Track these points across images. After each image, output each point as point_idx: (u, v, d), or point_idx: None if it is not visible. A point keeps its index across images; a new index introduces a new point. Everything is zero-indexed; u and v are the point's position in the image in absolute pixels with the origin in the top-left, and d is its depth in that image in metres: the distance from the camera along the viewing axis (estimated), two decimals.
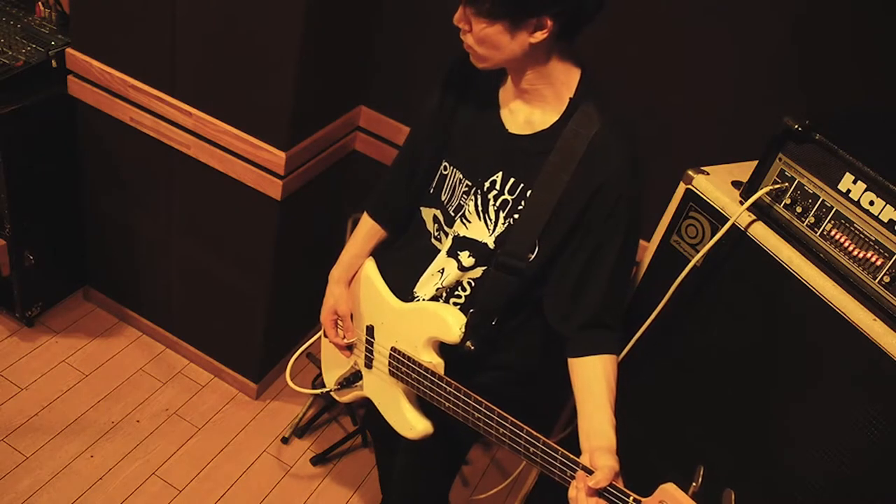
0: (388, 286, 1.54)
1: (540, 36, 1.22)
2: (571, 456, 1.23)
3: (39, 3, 2.36)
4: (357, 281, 1.62)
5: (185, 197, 2.26)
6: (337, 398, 1.72)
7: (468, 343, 1.41)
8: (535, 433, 1.27)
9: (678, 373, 1.56)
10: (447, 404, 1.40)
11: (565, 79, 1.30)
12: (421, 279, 1.48)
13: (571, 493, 1.21)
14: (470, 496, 2.39)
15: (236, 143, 2.02)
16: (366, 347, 1.58)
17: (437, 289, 1.46)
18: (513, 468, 2.48)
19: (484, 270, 1.42)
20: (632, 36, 1.80)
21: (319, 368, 2.56)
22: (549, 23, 1.20)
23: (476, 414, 1.35)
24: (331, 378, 1.73)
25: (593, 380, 1.34)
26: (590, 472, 1.20)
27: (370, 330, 1.55)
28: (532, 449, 1.28)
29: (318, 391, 1.78)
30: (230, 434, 2.42)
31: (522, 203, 1.35)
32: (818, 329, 1.28)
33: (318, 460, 2.39)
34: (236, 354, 2.51)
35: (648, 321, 1.51)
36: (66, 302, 2.69)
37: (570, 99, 1.30)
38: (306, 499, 2.30)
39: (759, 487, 1.42)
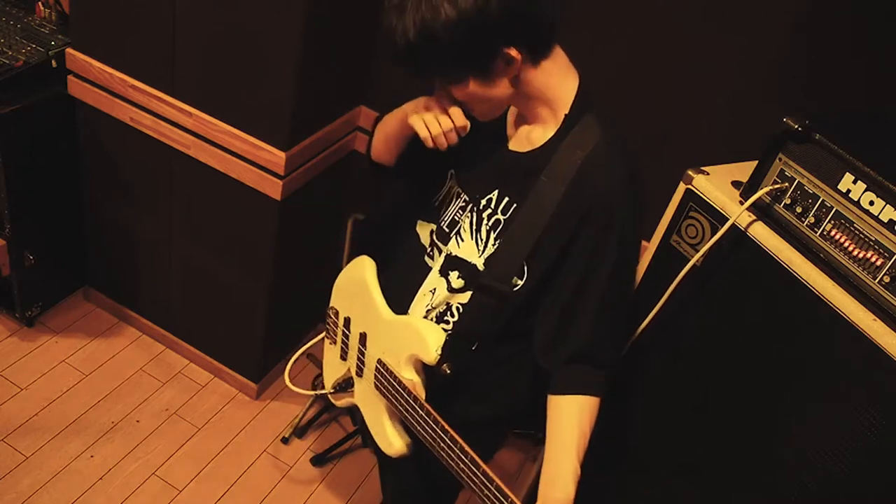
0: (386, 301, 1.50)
1: (515, 68, 1.19)
2: (516, 501, 1.20)
3: (39, 3, 2.36)
4: (353, 283, 1.58)
5: (185, 197, 2.26)
6: (333, 401, 1.70)
7: (444, 366, 1.35)
8: (490, 474, 1.24)
9: (677, 373, 1.56)
10: (418, 427, 1.36)
11: (561, 94, 1.26)
12: (415, 298, 1.44)
13: None
14: (470, 496, 2.39)
15: (236, 143, 2.02)
16: (357, 355, 1.54)
17: (428, 309, 1.42)
18: (513, 468, 2.48)
19: (471, 296, 1.36)
20: (632, 36, 1.80)
21: (320, 368, 2.57)
22: (515, 52, 1.16)
23: (441, 444, 1.31)
24: (329, 379, 1.72)
25: (566, 423, 1.29)
26: None
27: (363, 338, 1.51)
28: (485, 491, 1.25)
29: (315, 392, 1.77)
30: (230, 434, 2.42)
31: (512, 224, 1.30)
32: (818, 329, 1.28)
33: (318, 460, 2.39)
34: (236, 354, 2.51)
35: (647, 320, 1.51)
36: (66, 302, 2.69)
37: (566, 115, 1.26)
38: (306, 499, 2.30)
39: (758, 487, 1.42)
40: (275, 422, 2.48)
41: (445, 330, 1.39)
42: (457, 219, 1.39)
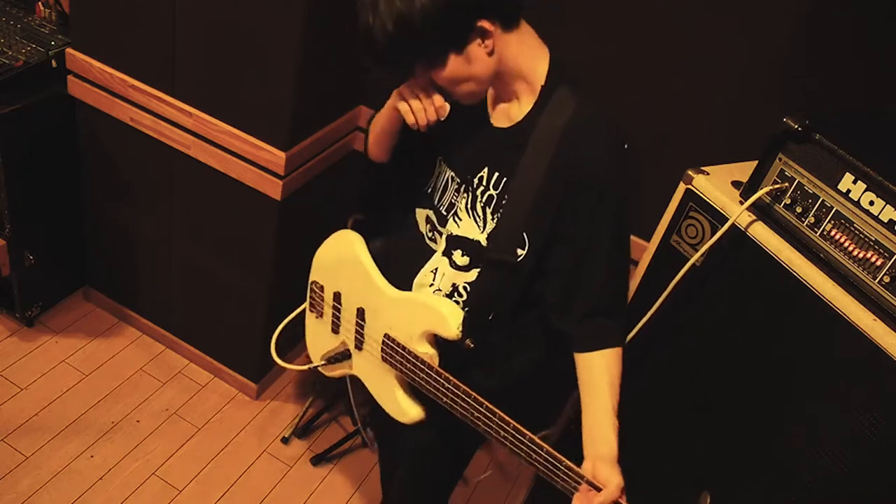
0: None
1: (490, 43, 1.22)
2: (576, 469, 1.23)
3: (39, 3, 2.36)
4: (340, 258, 1.59)
5: (185, 197, 2.26)
6: (325, 373, 1.69)
7: (468, 341, 1.39)
8: (538, 441, 1.26)
9: (678, 372, 1.56)
10: (445, 399, 1.39)
11: (534, 67, 1.29)
12: (416, 280, 1.47)
13: None
14: (470, 495, 2.39)
15: (236, 143, 2.02)
16: (356, 329, 1.56)
17: (434, 291, 1.45)
18: (513, 467, 2.49)
19: (479, 272, 1.41)
20: (632, 35, 1.80)
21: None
22: (489, 25, 1.20)
23: (475, 413, 1.34)
24: (316, 352, 1.71)
25: (597, 378, 1.34)
26: (595, 486, 1.21)
27: (360, 312, 1.53)
28: (534, 456, 1.28)
29: (304, 367, 1.73)
30: (230, 434, 2.42)
31: (506, 197, 1.34)
32: (818, 329, 1.28)
33: (318, 460, 2.39)
34: (236, 354, 2.51)
35: (645, 318, 1.51)
36: (66, 302, 2.69)
37: (542, 87, 1.29)
38: (306, 499, 2.30)
39: (758, 487, 1.42)
40: (275, 422, 2.48)
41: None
42: (453, 201, 1.42)
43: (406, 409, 1.50)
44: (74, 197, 2.46)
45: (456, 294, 1.44)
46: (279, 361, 1.70)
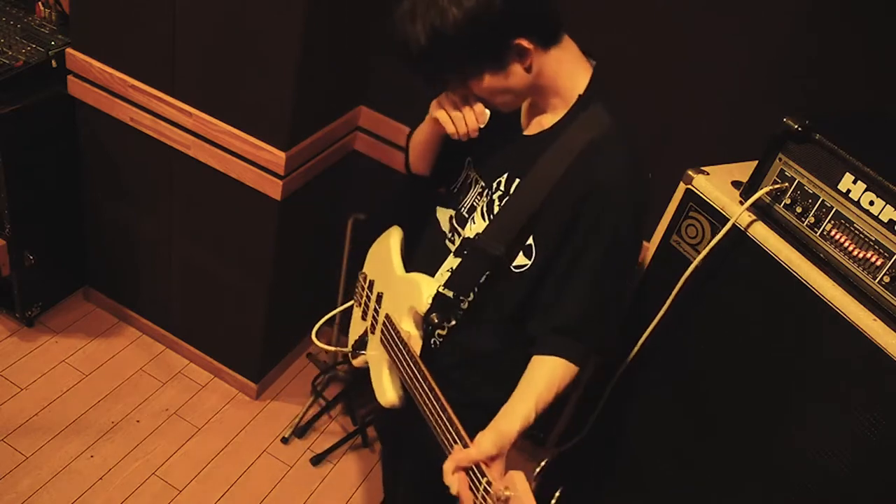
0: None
1: (528, 59, 1.22)
2: (461, 430, 1.24)
3: (39, 3, 2.36)
4: (380, 248, 1.62)
5: (185, 197, 2.26)
6: (352, 360, 1.72)
7: (433, 315, 1.38)
8: (460, 429, 1.25)
9: (677, 372, 1.56)
10: (408, 380, 1.39)
11: (572, 82, 1.29)
12: (434, 278, 1.47)
13: (445, 464, 1.23)
14: None
15: (236, 143, 2.02)
16: (373, 313, 1.59)
17: None
18: (512, 466, 2.48)
19: (463, 257, 1.40)
20: (632, 35, 1.80)
21: (319, 368, 2.58)
22: (527, 43, 1.20)
23: (422, 394, 1.34)
24: (351, 339, 1.75)
25: (540, 375, 1.32)
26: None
27: (379, 297, 1.57)
28: (436, 413, 1.28)
29: (338, 349, 1.82)
30: (230, 434, 2.42)
31: (511, 193, 1.34)
32: (818, 329, 1.28)
33: (318, 460, 2.39)
34: (236, 354, 2.51)
35: (652, 325, 1.51)
36: (66, 302, 2.69)
37: (580, 96, 1.29)
38: (306, 499, 2.30)
39: (758, 488, 1.42)
40: (275, 422, 2.49)
41: (462, 309, 1.42)
42: (475, 204, 1.43)
43: (386, 390, 1.52)
44: (74, 197, 2.46)
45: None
46: (318, 343, 1.73)
